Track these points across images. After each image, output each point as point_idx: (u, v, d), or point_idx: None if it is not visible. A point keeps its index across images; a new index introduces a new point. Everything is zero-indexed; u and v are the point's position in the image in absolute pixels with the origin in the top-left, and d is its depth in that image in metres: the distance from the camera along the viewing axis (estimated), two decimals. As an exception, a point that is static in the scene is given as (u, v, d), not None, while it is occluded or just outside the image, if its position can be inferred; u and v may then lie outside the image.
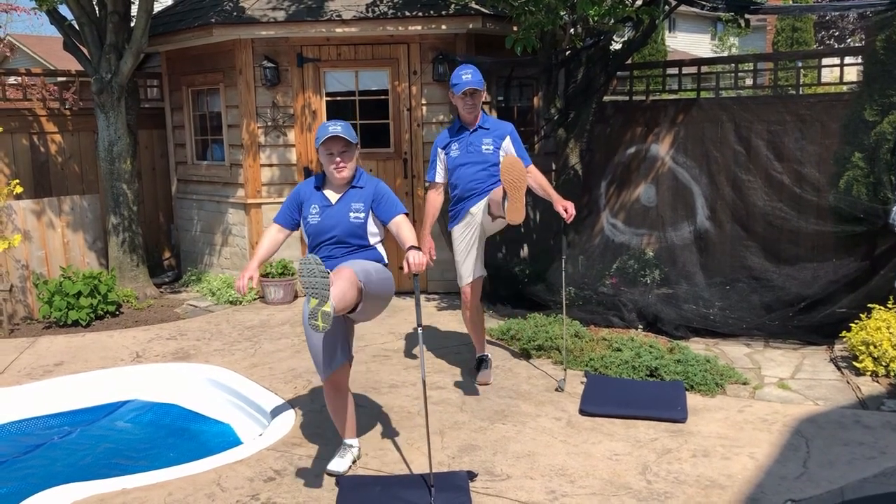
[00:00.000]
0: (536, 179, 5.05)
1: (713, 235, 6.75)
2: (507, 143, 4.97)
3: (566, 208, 4.87)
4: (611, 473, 3.82)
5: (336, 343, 3.79)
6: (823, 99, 6.52)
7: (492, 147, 4.93)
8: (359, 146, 3.89)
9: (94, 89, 7.36)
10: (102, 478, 3.92)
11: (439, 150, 5.03)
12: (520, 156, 4.97)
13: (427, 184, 5.15)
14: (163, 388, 5.47)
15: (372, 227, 3.88)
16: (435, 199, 5.05)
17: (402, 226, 3.82)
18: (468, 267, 5.02)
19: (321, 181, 3.95)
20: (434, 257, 5.04)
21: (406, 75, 7.40)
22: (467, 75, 4.83)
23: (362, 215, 3.83)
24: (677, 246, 6.73)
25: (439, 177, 5.04)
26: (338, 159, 3.79)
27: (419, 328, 3.67)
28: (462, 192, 4.98)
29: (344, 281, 3.44)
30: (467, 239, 5.00)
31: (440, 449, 4.13)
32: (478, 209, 4.95)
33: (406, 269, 3.60)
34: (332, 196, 3.89)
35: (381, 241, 3.96)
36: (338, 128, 3.76)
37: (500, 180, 4.88)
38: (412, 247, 3.65)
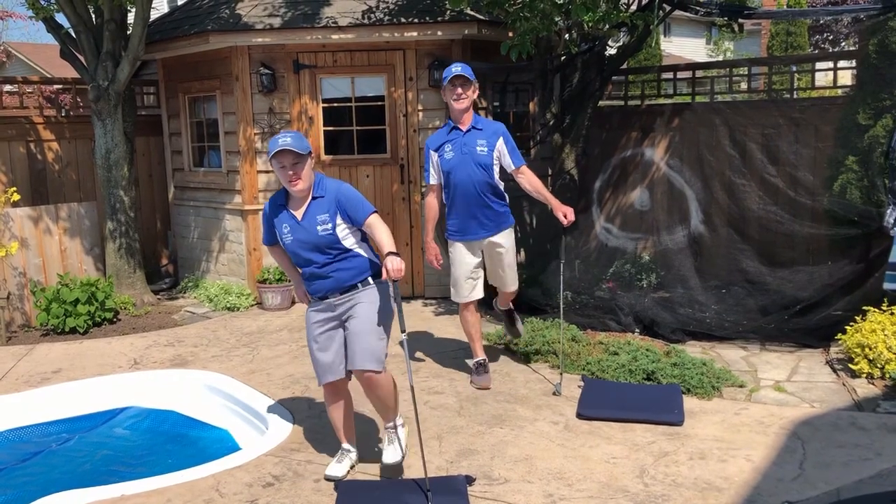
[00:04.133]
0: (531, 182, 5.06)
1: (708, 239, 6.77)
2: (501, 144, 4.96)
3: (565, 214, 4.91)
4: (608, 477, 3.84)
5: (339, 353, 3.89)
6: (817, 103, 6.56)
7: (486, 149, 4.92)
8: (312, 154, 3.81)
9: (91, 97, 7.38)
10: (101, 485, 3.92)
11: (431, 151, 5.02)
12: (512, 157, 5.00)
13: (423, 187, 5.11)
14: (161, 394, 5.47)
15: (345, 233, 3.80)
16: (434, 203, 5.08)
17: (375, 228, 3.74)
18: (468, 287, 5.08)
19: (284, 197, 3.88)
20: (441, 261, 5.08)
21: (402, 81, 7.43)
22: (457, 67, 4.85)
23: (329, 226, 3.76)
24: (672, 250, 6.75)
25: (433, 178, 5.04)
26: (290, 172, 3.70)
27: (403, 334, 3.68)
28: (464, 217, 4.97)
29: (390, 397, 3.87)
30: (469, 261, 5.04)
31: (438, 453, 4.14)
32: (487, 243, 5.00)
33: (385, 277, 3.55)
34: (297, 212, 3.82)
35: (362, 239, 3.88)
36: (287, 139, 3.68)
37: (503, 206, 5.04)
38: (390, 252, 3.58)
